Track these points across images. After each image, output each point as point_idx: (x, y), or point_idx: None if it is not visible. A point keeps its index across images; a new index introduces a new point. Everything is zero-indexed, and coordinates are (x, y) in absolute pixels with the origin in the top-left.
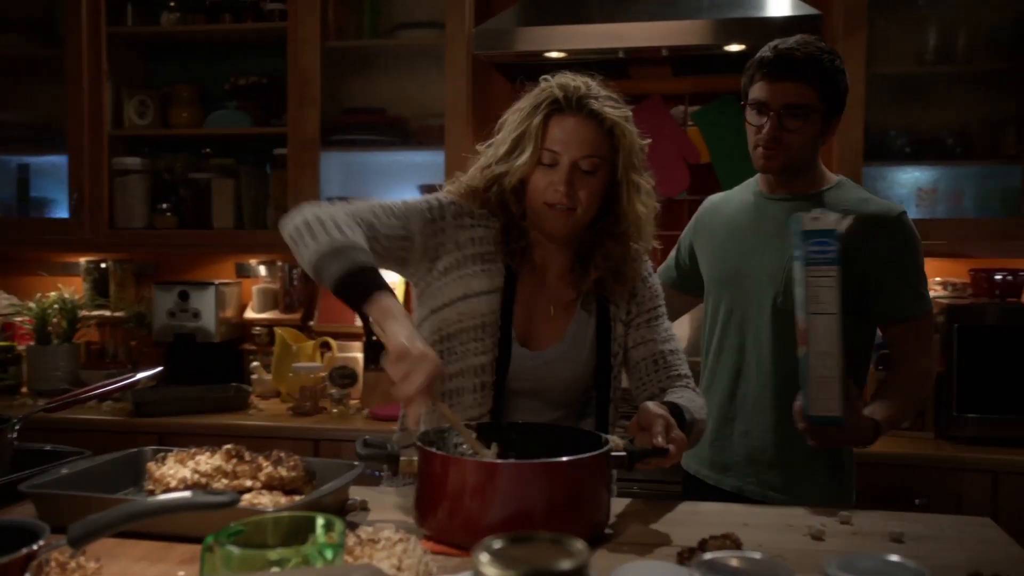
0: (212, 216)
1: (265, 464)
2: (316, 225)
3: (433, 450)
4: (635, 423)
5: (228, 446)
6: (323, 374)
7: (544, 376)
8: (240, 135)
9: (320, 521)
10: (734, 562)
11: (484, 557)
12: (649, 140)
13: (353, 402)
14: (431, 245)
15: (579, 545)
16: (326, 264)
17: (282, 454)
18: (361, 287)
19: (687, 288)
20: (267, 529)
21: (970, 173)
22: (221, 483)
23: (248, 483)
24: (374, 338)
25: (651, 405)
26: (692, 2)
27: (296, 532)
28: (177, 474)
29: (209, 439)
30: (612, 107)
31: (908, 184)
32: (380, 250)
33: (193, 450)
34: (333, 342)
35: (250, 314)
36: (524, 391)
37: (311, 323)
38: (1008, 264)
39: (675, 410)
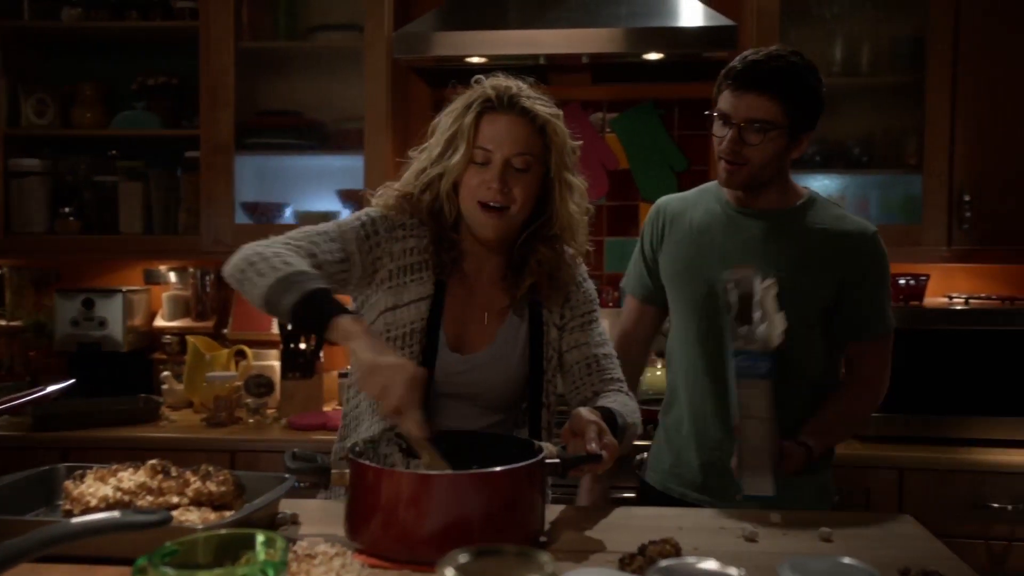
0: (119, 220)
1: (193, 479)
2: (259, 261)
3: (365, 462)
4: (568, 429)
5: (153, 461)
6: (238, 383)
7: (475, 380)
8: (149, 137)
9: (260, 538)
10: (690, 569)
11: (450, 572)
12: (581, 142)
13: (270, 411)
14: (368, 261)
15: (545, 558)
16: (278, 297)
17: (210, 468)
18: (316, 315)
19: (666, 302)
20: (198, 548)
21: (875, 181)
22: (146, 500)
23: (175, 499)
24: (292, 346)
25: (584, 411)
26: (610, 10)
27: (227, 549)
28: (98, 492)
29: (117, 453)
30: (543, 106)
31: (818, 192)
32: (324, 277)
33: (115, 466)
34: (248, 350)
35: (160, 322)
36: (457, 395)
37: (225, 331)
38: (911, 269)
39: (607, 415)
